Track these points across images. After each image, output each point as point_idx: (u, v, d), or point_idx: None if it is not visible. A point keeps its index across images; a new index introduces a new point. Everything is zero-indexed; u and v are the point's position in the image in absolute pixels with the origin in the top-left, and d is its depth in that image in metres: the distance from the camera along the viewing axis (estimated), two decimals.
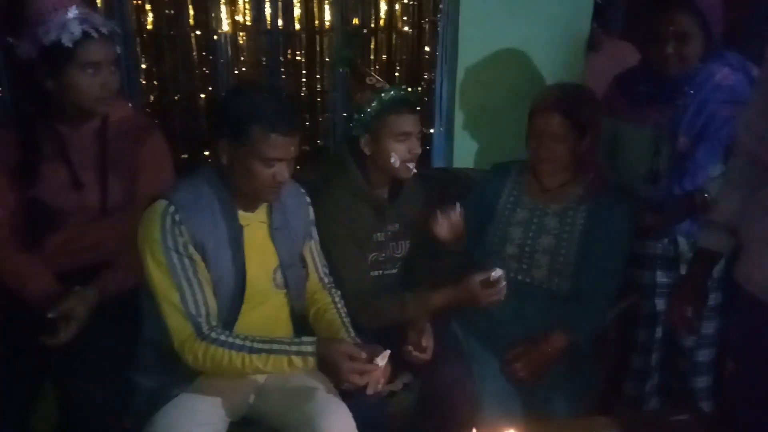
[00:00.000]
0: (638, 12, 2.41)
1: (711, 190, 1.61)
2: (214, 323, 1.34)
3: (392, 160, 1.66)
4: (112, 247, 1.58)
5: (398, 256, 1.82)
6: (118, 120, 1.64)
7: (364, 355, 1.32)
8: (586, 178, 1.74)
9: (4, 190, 1.55)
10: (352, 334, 1.51)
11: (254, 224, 1.45)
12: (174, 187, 1.40)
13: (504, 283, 1.60)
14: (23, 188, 1.55)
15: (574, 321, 1.66)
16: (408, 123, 1.66)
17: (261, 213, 1.47)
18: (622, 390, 1.88)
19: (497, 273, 1.58)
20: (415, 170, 1.71)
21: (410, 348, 1.61)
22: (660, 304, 1.77)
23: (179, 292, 1.31)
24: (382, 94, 1.65)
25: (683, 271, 1.70)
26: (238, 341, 1.32)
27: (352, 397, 1.40)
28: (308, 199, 1.62)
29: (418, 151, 1.70)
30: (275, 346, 1.33)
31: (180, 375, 1.37)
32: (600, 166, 1.77)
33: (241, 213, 1.42)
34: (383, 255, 1.78)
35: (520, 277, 1.75)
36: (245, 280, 1.40)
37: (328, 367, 1.33)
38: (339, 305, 1.60)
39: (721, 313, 1.74)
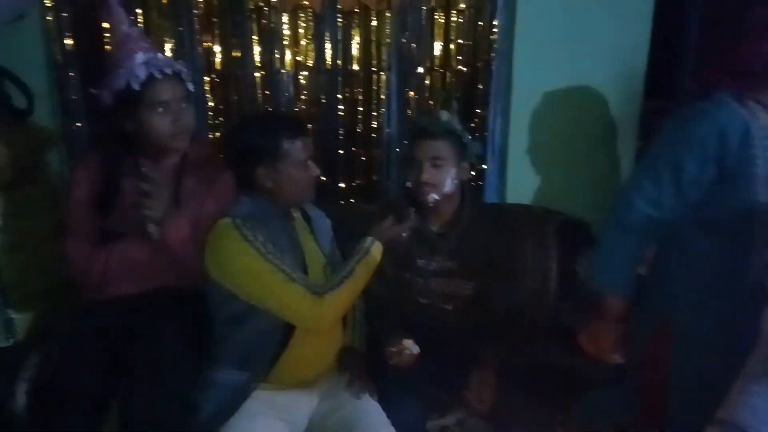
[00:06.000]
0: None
1: None
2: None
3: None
4: (172, 273, 1.66)
5: (448, 292, 1.80)
6: (196, 158, 1.73)
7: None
8: None
9: (86, 218, 1.66)
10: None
11: (298, 224, 1.63)
12: (232, 205, 1.51)
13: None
14: (99, 219, 1.66)
15: None
16: None
17: (298, 219, 1.66)
18: None
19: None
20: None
21: (469, 396, 1.63)
22: None
23: (284, 267, 1.43)
24: None
25: None
26: (336, 279, 1.50)
27: None
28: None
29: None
30: (350, 263, 1.53)
31: (256, 371, 1.48)
32: None
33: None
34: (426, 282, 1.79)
35: None
36: (307, 274, 1.54)
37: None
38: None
39: None
